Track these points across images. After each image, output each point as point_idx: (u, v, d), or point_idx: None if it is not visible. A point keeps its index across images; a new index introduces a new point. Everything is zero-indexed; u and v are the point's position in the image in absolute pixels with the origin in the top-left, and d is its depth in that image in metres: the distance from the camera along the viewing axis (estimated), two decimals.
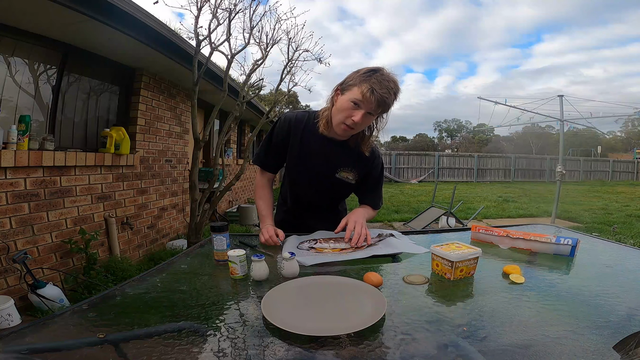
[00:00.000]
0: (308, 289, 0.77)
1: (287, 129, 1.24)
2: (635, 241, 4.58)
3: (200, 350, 0.55)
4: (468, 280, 0.83)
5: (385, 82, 1.05)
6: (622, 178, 19.37)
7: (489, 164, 17.22)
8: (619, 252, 1.13)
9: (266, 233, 1.15)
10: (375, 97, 1.04)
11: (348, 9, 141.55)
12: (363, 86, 1.05)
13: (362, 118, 1.08)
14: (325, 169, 1.24)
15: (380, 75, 1.06)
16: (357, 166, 1.26)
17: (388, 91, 1.05)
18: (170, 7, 4.41)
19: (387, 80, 1.06)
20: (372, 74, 1.06)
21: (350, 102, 1.07)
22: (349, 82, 1.10)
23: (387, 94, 1.05)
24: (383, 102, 1.05)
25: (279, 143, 1.26)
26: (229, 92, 3.54)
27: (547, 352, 0.53)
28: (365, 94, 1.04)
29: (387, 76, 1.07)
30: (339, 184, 1.27)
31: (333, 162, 1.24)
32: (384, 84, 1.05)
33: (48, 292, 2.18)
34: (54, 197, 2.45)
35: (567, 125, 6.59)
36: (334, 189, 1.30)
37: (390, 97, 1.06)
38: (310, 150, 1.22)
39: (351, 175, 1.26)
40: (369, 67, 1.09)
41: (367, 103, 1.05)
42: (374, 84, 1.04)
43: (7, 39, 2.27)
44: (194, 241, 3.29)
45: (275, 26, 4.12)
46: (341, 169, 1.25)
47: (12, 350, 0.54)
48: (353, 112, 1.08)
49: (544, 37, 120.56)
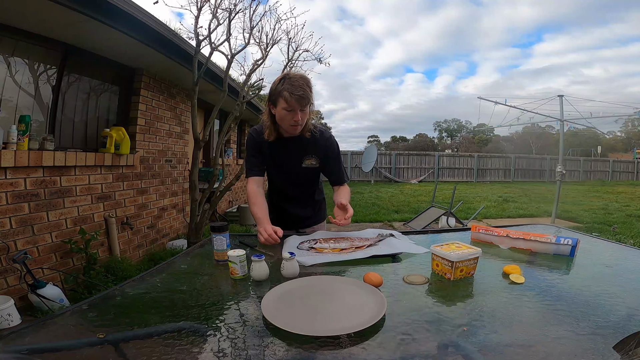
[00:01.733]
0: (308, 289, 0.77)
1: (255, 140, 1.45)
2: (635, 241, 4.58)
3: (200, 350, 0.55)
4: (468, 280, 0.83)
5: (296, 82, 1.25)
6: (622, 178, 19.36)
7: (489, 164, 17.21)
8: (619, 252, 1.13)
9: (264, 232, 1.20)
10: (295, 98, 1.24)
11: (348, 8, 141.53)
12: (284, 94, 1.25)
13: (301, 115, 1.29)
14: (292, 163, 1.46)
15: (289, 79, 1.26)
16: (315, 151, 1.46)
17: (302, 89, 1.24)
18: (170, 7, 4.42)
19: (297, 79, 1.26)
20: (283, 82, 1.26)
21: (284, 110, 1.28)
22: (273, 96, 1.30)
23: (302, 91, 1.24)
24: (302, 98, 1.25)
25: (256, 153, 1.47)
26: (229, 92, 3.54)
27: (547, 352, 0.53)
28: (288, 100, 1.25)
29: (295, 76, 1.27)
30: (307, 171, 1.48)
31: (296, 156, 1.45)
32: (296, 84, 1.24)
33: (48, 292, 2.18)
34: (54, 197, 2.45)
35: (567, 125, 6.58)
36: (304, 176, 1.51)
37: (306, 92, 1.25)
38: (276, 153, 1.45)
39: (314, 161, 1.47)
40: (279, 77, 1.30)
41: (294, 105, 1.25)
42: (289, 89, 1.24)
43: (7, 39, 2.27)
44: (194, 241, 3.29)
45: (275, 26, 4.15)
46: (304, 158, 1.45)
47: (12, 350, 0.54)
48: (292, 115, 1.28)
49: (545, 37, 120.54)
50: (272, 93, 1.31)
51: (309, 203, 1.60)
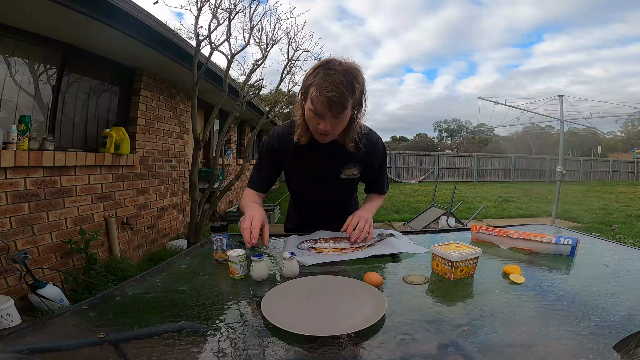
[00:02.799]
0: (308, 289, 0.77)
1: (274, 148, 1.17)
2: (635, 241, 4.58)
3: (200, 350, 0.55)
4: (468, 280, 0.83)
5: (332, 76, 0.89)
6: (622, 178, 19.36)
7: (489, 164, 17.22)
8: (619, 252, 1.13)
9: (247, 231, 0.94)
10: (321, 101, 0.90)
11: (348, 8, 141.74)
12: (311, 90, 0.92)
13: (330, 125, 0.96)
14: (329, 173, 1.18)
15: (325, 70, 0.91)
16: (359, 158, 1.18)
17: (335, 87, 0.88)
18: (170, 7, 4.42)
19: (335, 73, 0.90)
20: (318, 71, 0.92)
21: (309, 112, 0.97)
22: (303, 87, 0.98)
23: (335, 92, 0.88)
24: (333, 103, 0.90)
25: (271, 164, 1.19)
26: (229, 92, 3.54)
27: (547, 352, 0.53)
28: (314, 101, 0.92)
29: (336, 68, 0.91)
30: (346, 182, 1.23)
31: (334, 164, 1.17)
32: (330, 79, 0.89)
33: (48, 292, 2.18)
34: (54, 197, 2.45)
35: (567, 125, 6.59)
36: (341, 188, 1.27)
37: (342, 93, 0.89)
38: (309, 160, 1.16)
39: (356, 170, 1.21)
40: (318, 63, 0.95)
41: (321, 109, 0.93)
42: (319, 86, 0.90)
43: (7, 39, 2.27)
44: (194, 241, 3.29)
45: (275, 26, 4.16)
46: (344, 167, 1.18)
47: (12, 350, 0.54)
48: (319, 120, 0.97)
49: (545, 37, 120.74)
50: (303, 83, 0.98)
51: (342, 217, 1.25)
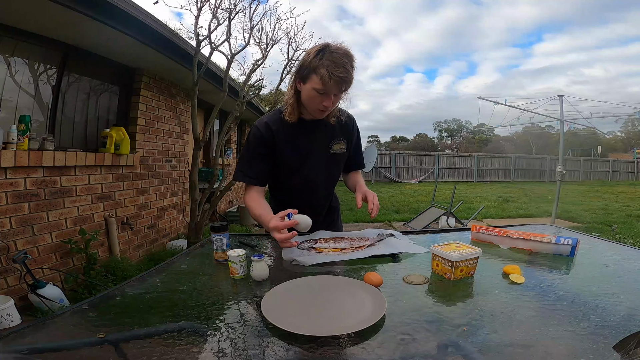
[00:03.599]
0: (308, 289, 0.77)
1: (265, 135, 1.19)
2: (635, 241, 4.58)
3: (200, 350, 0.55)
4: (468, 280, 0.83)
5: (339, 59, 1.01)
6: (622, 178, 19.36)
7: (489, 164, 17.21)
8: (619, 252, 1.13)
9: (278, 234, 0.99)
10: (334, 80, 1.02)
11: (348, 8, 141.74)
12: (320, 72, 1.02)
13: (333, 100, 1.09)
14: (320, 148, 1.25)
15: (330, 53, 1.02)
16: (343, 134, 1.28)
17: (345, 68, 1.02)
18: (170, 7, 4.42)
19: (340, 56, 1.02)
20: (322, 54, 1.02)
21: (314, 91, 1.06)
22: (305, 70, 1.07)
23: (345, 72, 1.02)
24: (344, 81, 1.04)
25: (261, 151, 1.20)
26: (229, 92, 3.54)
27: (547, 352, 0.53)
28: (325, 80, 1.02)
29: (338, 51, 1.03)
30: (336, 158, 1.29)
31: (323, 138, 1.25)
32: (339, 61, 1.01)
33: (48, 292, 2.18)
34: (54, 197, 2.45)
35: (567, 125, 6.58)
36: (331, 167, 1.30)
37: (349, 73, 1.04)
38: (299, 141, 1.22)
39: (343, 145, 1.29)
40: (317, 47, 1.06)
41: (330, 88, 1.04)
42: (329, 67, 1.01)
43: (7, 39, 2.27)
44: (194, 241, 3.29)
45: (275, 26, 4.15)
46: (332, 142, 1.26)
47: (12, 350, 0.54)
48: (323, 99, 1.07)
49: (545, 37, 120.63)
50: (304, 66, 1.07)
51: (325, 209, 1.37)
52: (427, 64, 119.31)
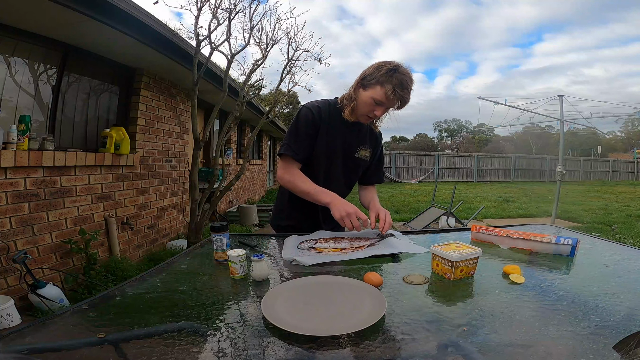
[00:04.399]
0: (308, 289, 0.77)
1: (317, 117, 1.26)
2: (635, 241, 4.58)
3: (200, 350, 0.55)
4: (468, 280, 0.83)
5: (406, 82, 1.13)
6: (622, 178, 19.37)
7: (489, 164, 17.22)
8: (619, 252, 1.13)
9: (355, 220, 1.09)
10: (397, 98, 1.13)
11: (347, 8, 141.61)
12: (386, 87, 1.13)
13: (383, 111, 1.20)
14: (348, 148, 1.31)
15: (400, 74, 1.13)
16: (370, 143, 1.36)
17: (408, 91, 1.14)
18: (170, 7, 4.43)
19: (407, 79, 1.13)
20: (393, 73, 1.13)
21: (372, 99, 1.16)
22: (371, 79, 1.16)
23: (407, 94, 1.14)
24: (404, 101, 1.16)
25: (310, 132, 1.26)
26: (229, 92, 3.54)
27: (547, 352, 0.53)
28: (389, 96, 1.13)
29: (407, 75, 1.14)
30: (358, 162, 1.35)
31: (354, 141, 1.32)
32: (405, 84, 1.12)
33: (48, 292, 2.18)
34: (54, 197, 2.45)
35: (567, 125, 6.58)
36: (352, 169, 1.35)
37: (409, 95, 1.16)
38: (336, 134, 1.29)
39: (367, 153, 1.36)
40: (388, 65, 1.15)
41: (390, 103, 1.15)
42: (396, 86, 1.12)
43: (7, 39, 2.27)
44: (194, 241, 3.29)
45: (275, 26, 4.15)
46: (360, 147, 1.33)
47: (12, 350, 0.54)
48: (375, 108, 1.18)
49: (545, 37, 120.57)
50: (370, 76, 1.16)
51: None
52: (427, 64, 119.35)
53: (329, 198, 1.17)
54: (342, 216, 1.11)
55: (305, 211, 1.35)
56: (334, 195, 1.18)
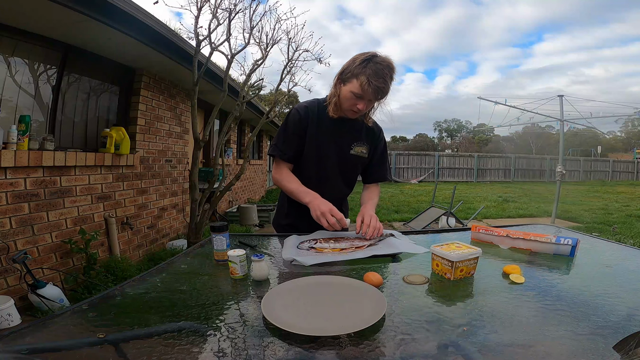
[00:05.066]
0: (308, 289, 0.77)
1: (304, 117, 1.26)
2: (635, 241, 4.58)
3: (200, 350, 0.55)
4: (468, 280, 0.83)
5: (381, 70, 1.09)
6: (622, 178, 19.37)
7: (489, 164, 17.22)
8: (619, 252, 1.13)
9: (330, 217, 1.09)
10: (372, 89, 1.09)
11: (347, 8, 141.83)
12: (361, 78, 1.10)
13: (366, 105, 1.16)
14: (341, 146, 1.29)
15: (375, 64, 1.09)
16: (367, 139, 1.33)
17: (384, 79, 1.09)
18: (170, 7, 4.43)
19: (382, 67, 1.09)
20: (367, 63, 1.10)
21: (351, 93, 1.14)
22: (348, 73, 1.15)
23: (383, 83, 1.10)
24: (380, 91, 1.12)
25: (297, 132, 1.27)
26: (229, 92, 3.54)
27: (547, 352, 0.53)
28: (363, 87, 1.10)
29: (382, 63, 1.10)
30: (354, 160, 1.32)
31: (347, 138, 1.29)
32: (380, 73, 1.09)
33: (48, 292, 2.18)
34: (54, 197, 2.45)
35: (567, 125, 6.58)
36: (349, 167, 1.33)
37: (387, 84, 1.11)
38: (326, 132, 1.27)
39: (364, 149, 1.33)
40: (364, 56, 1.13)
41: (366, 94, 1.12)
42: (370, 76, 1.08)
43: (7, 39, 2.27)
44: (194, 241, 3.29)
45: (275, 26, 4.15)
46: (355, 144, 1.31)
47: (12, 350, 0.54)
48: (357, 102, 1.15)
49: (545, 37, 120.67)
50: (347, 70, 1.15)
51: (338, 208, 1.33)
52: (427, 63, 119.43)
53: (308, 198, 1.18)
54: (317, 215, 1.12)
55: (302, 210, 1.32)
56: (313, 195, 1.19)
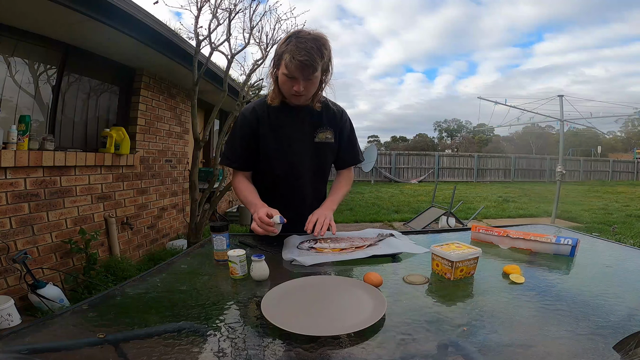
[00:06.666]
0: (308, 289, 0.77)
1: (250, 118, 1.22)
2: (635, 241, 4.58)
3: (200, 350, 0.55)
4: (468, 280, 0.83)
5: (303, 44, 1.03)
6: (622, 178, 19.35)
7: (489, 164, 17.20)
8: (619, 252, 1.13)
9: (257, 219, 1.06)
10: (295, 65, 1.03)
11: (347, 7, 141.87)
12: (285, 57, 1.05)
13: (303, 86, 1.09)
14: (303, 137, 1.24)
15: (297, 38, 1.04)
16: (330, 124, 1.27)
17: (307, 53, 1.02)
18: (170, 7, 4.42)
19: (305, 41, 1.03)
20: (290, 40, 1.05)
21: (284, 76, 1.09)
22: (277, 55, 1.10)
23: (307, 56, 1.02)
24: (305, 66, 1.04)
25: (245, 135, 1.23)
26: (229, 92, 3.54)
27: (547, 352, 0.53)
28: (287, 65, 1.04)
29: (306, 37, 1.05)
30: (322, 147, 1.27)
31: (306, 128, 1.24)
32: (302, 46, 1.02)
33: (48, 292, 2.18)
34: (54, 197, 2.45)
35: (567, 125, 6.58)
36: (318, 156, 1.27)
37: (312, 58, 1.03)
38: (282, 126, 1.22)
39: (329, 134, 1.27)
40: (287, 35, 1.09)
41: (293, 72, 1.06)
42: (292, 52, 1.03)
43: (7, 39, 2.27)
44: (194, 241, 3.29)
45: (275, 26, 4.14)
46: (317, 130, 1.25)
47: (12, 350, 0.54)
48: (292, 83, 1.09)
49: (545, 36, 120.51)
50: (277, 53, 1.10)
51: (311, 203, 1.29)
52: (427, 63, 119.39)
53: (252, 210, 1.15)
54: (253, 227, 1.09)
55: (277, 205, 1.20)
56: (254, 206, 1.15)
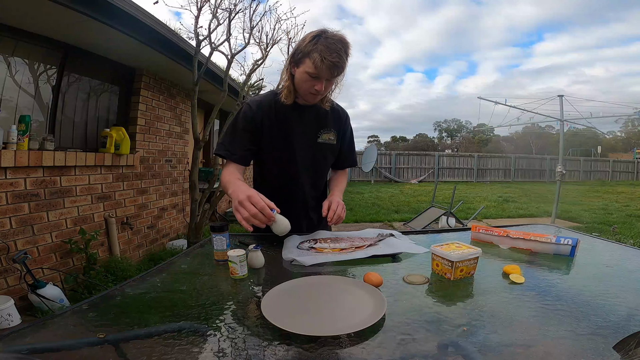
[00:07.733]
0: (308, 289, 0.77)
1: (256, 111, 1.19)
2: (635, 241, 4.58)
3: (200, 350, 0.55)
4: (468, 280, 0.83)
5: (333, 45, 1.04)
6: (622, 178, 19.36)
7: (489, 164, 17.21)
8: (619, 252, 1.13)
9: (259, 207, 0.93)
10: (326, 65, 1.04)
11: (347, 7, 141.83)
12: (313, 56, 1.04)
13: (325, 85, 1.10)
14: (307, 136, 1.23)
15: (325, 39, 1.04)
16: (334, 125, 1.28)
17: (338, 54, 1.04)
18: (170, 7, 4.43)
19: (334, 42, 1.04)
20: (317, 39, 1.05)
21: (307, 74, 1.08)
22: (299, 53, 1.09)
23: (338, 58, 1.04)
24: (336, 67, 1.05)
25: (248, 128, 1.19)
26: (229, 92, 3.54)
27: (547, 352, 0.53)
28: (317, 64, 1.04)
29: (333, 37, 1.05)
30: (323, 148, 1.27)
31: (311, 127, 1.24)
32: (332, 47, 1.03)
33: (48, 292, 2.18)
34: (54, 197, 2.45)
35: (567, 125, 6.58)
36: (319, 156, 1.28)
37: (342, 59, 1.06)
38: (287, 123, 1.21)
39: (332, 135, 1.28)
40: (313, 34, 1.08)
41: (322, 72, 1.06)
42: (322, 52, 1.03)
43: (7, 39, 2.27)
44: (194, 241, 3.29)
45: (275, 26, 4.15)
46: (322, 131, 1.26)
47: (12, 350, 0.54)
48: (314, 83, 1.09)
49: (545, 36, 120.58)
50: (299, 50, 1.09)
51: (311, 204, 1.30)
52: (427, 63, 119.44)
53: (231, 189, 1.05)
54: (235, 206, 0.97)
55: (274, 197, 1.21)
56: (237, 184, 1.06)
